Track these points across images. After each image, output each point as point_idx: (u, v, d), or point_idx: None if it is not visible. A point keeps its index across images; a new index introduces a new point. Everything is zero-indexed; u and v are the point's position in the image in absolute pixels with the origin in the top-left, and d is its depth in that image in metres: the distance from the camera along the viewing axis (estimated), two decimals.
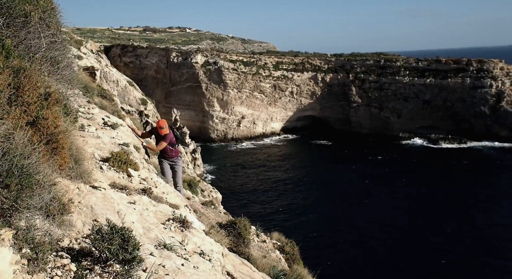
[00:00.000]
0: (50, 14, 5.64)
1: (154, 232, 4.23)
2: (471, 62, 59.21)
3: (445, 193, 38.35)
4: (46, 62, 5.27)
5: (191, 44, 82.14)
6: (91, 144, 6.08)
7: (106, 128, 7.04)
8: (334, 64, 65.07)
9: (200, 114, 64.43)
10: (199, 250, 4.20)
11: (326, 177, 44.70)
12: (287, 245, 11.34)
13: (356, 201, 36.91)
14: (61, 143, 4.71)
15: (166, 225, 4.54)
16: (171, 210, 4.95)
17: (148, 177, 5.62)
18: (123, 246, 2.72)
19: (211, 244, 4.48)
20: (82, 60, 16.89)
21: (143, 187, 5.21)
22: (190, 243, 4.27)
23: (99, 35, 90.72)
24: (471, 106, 57.53)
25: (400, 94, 60.68)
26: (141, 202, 4.83)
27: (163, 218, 4.69)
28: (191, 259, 3.89)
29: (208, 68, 63.15)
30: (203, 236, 4.61)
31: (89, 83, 13.36)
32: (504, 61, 59.96)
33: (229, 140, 62.90)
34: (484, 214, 33.57)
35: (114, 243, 2.68)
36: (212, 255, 4.18)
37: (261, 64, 64.33)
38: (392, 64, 62.53)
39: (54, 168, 4.25)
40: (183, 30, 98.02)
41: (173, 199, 5.40)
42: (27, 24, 5.15)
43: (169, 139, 8.32)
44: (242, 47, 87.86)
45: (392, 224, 31.78)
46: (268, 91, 64.35)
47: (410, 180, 42.78)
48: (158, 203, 5.03)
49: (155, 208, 4.86)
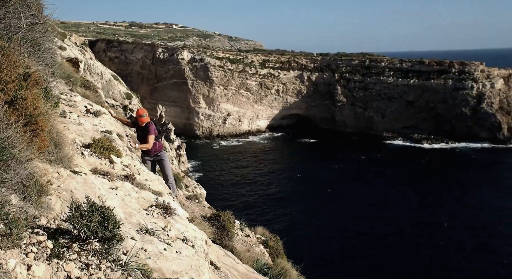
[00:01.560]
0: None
1: (136, 217, 4.14)
2: (453, 64, 60.19)
3: (425, 191, 39.22)
4: (26, 44, 5.12)
5: (178, 40, 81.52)
6: (73, 131, 5.94)
7: (89, 116, 6.90)
8: (320, 63, 65.40)
9: (186, 110, 64.02)
10: (182, 236, 4.13)
11: (310, 175, 44.91)
12: (271, 239, 11.33)
13: (339, 198, 37.42)
14: (40, 125, 4.58)
15: (149, 211, 4.46)
16: (154, 197, 4.86)
17: (131, 164, 5.51)
18: (103, 224, 2.64)
19: (194, 231, 4.41)
20: (65, 51, 16.51)
21: (126, 173, 5.11)
22: (173, 229, 4.20)
23: (84, 29, 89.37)
24: (452, 107, 58.47)
25: (384, 94, 61.33)
26: (123, 188, 4.73)
27: (145, 205, 4.60)
28: (174, 245, 3.82)
29: (194, 65, 62.78)
30: (186, 223, 4.54)
31: (72, 73, 13.09)
32: (485, 63, 61.14)
33: (214, 137, 62.68)
34: (463, 210, 34.44)
35: (93, 220, 2.60)
36: (195, 241, 4.12)
37: (248, 62, 64.22)
38: (377, 64, 63.17)
39: (32, 151, 4.13)
40: (170, 27, 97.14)
41: (156, 187, 5.32)
42: (6, 3, 4.99)
43: (153, 131, 7.71)
44: (229, 45, 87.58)
45: (373, 219, 32.66)
46: (254, 89, 64.30)
47: (392, 178, 43.50)
48: (141, 189, 4.94)
49: (138, 195, 4.77)
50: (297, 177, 44.90)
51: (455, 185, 41.02)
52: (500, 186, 40.59)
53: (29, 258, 2.43)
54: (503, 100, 58.16)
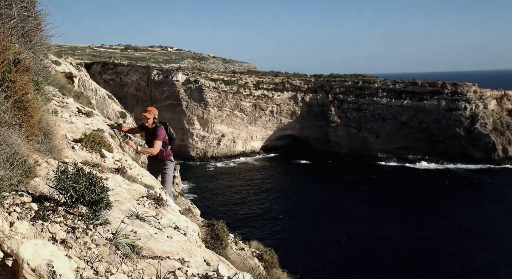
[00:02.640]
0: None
1: (127, 205, 3.99)
2: (446, 85, 60.95)
3: (420, 211, 38.92)
4: (17, 33, 5.05)
5: (172, 62, 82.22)
6: (64, 128, 5.82)
7: (81, 116, 6.78)
8: (314, 85, 65.98)
9: (180, 132, 63.84)
10: (173, 225, 3.96)
11: (304, 195, 44.62)
12: (265, 253, 11.06)
13: (334, 217, 37.23)
14: (29, 112, 4.46)
15: (140, 201, 4.30)
16: (146, 189, 4.71)
17: (122, 158, 5.37)
18: (90, 188, 2.50)
19: (186, 221, 4.25)
20: (60, 66, 16.45)
21: (117, 166, 4.97)
22: (164, 218, 4.04)
23: (80, 53, 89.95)
24: (446, 128, 58.85)
25: (378, 115, 61.73)
26: (114, 180, 4.59)
27: (136, 195, 4.45)
28: (165, 230, 3.66)
29: (189, 86, 63.08)
30: (178, 215, 4.38)
31: (66, 84, 13.00)
32: (477, 84, 62.02)
33: (208, 158, 62.37)
34: (458, 230, 34.13)
35: (80, 182, 2.47)
36: (187, 230, 3.95)
37: (242, 83, 64.68)
38: (370, 85, 63.81)
39: (21, 137, 4.00)
40: (165, 49, 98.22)
41: (148, 181, 5.17)
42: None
43: (162, 136, 7.09)
44: (223, 67, 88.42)
45: (369, 237, 32.43)
46: (249, 110, 64.52)
47: (387, 198, 43.25)
48: (132, 182, 4.79)
49: (129, 186, 4.61)
50: (291, 197, 44.57)
51: (451, 205, 40.86)
52: (498, 206, 40.52)
53: (12, 216, 2.29)
54: (497, 120, 58.68)
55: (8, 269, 1.98)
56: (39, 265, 1.90)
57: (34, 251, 1.94)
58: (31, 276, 1.88)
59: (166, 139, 7.35)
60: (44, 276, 1.89)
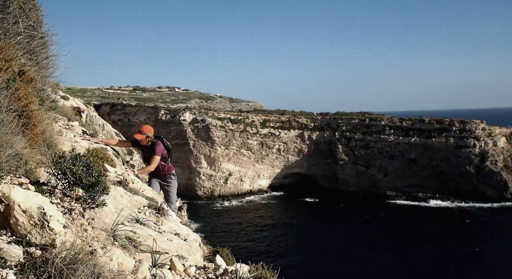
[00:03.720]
0: (31, 8, 5.62)
1: (127, 212, 3.84)
2: (453, 122, 60.86)
3: (432, 251, 37.62)
4: (23, 48, 5.13)
5: (180, 102, 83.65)
6: (67, 145, 5.77)
7: (86, 136, 6.76)
8: (320, 123, 66.30)
9: (187, 171, 63.78)
10: (174, 232, 3.79)
11: (312, 234, 43.62)
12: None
13: (341, 255, 36.15)
14: (33, 121, 4.43)
15: (141, 210, 4.15)
16: (147, 201, 4.57)
17: (125, 173, 5.26)
18: (88, 171, 2.42)
19: (187, 230, 4.07)
20: (68, 101, 16.75)
21: (119, 180, 4.86)
22: (165, 226, 3.87)
23: (89, 95, 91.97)
24: (456, 165, 58.15)
25: (386, 152, 61.40)
26: (115, 191, 4.46)
27: (138, 205, 4.30)
28: (165, 234, 3.49)
29: (196, 126, 63.65)
30: (179, 224, 4.20)
31: (73, 116, 13.13)
32: (485, 122, 61.83)
33: (216, 197, 61.80)
34: (474, 270, 32.75)
35: (77, 165, 2.40)
36: (188, 238, 3.76)
37: (249, 121, 65.20)
38: (377, 123, 63.94)
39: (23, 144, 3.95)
40: (172, 90, 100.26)
41: (149, 194, 5.02)
42: (6, 9, 5.09)
43: (160, 151, 6.97)
44: (230, 106, 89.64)
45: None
46: (256, 148, 64.59)
47: (397, 238, 42.02)
48: (134, 194, 4.64)
49: (130, 197, 4.47)
50: (299, 235, 43.59)
51: (465, 245, 39.55)
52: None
53: None
54: (507, 158, 57.97)
55: (0, 213, 2.05)
56: (30, 207, 1.95)
57: (26, 196, 2.00)
58: (21, 217, 1.94)
59: (165, 154, 7.19)
60: (35, 216, 1.93)
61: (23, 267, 1.84)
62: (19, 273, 1.81)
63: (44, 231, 1.91)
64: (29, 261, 1.85)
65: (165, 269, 2.21)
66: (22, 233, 1.92)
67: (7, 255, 1.84)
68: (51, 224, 1.87)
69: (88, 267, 1.68)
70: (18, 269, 1.83)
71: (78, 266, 1.67)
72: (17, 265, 1.85)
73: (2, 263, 1.82)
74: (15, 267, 1.84)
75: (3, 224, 2.01)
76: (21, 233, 1.93)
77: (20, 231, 1.93)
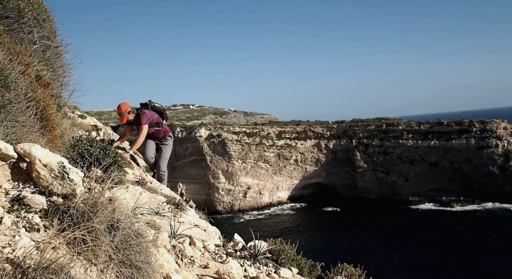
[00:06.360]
0: (45, 18, 5.74)
1: (146, 206, 3.81)
2: (473, 123, 59.70)
3: (461, 257, 36.48)
4: (38, 56, 5.22)
5: (195, 119, 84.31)
6: None
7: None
8: (336, 131, 65.88)
9: (206, 187, 63.92)
10: (193, 224, 3.73)
11: (335, 245, 42.86)
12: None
13: (368, 266, 35.12)
14: (51, 122, 4.46)
15: (159, 206, 4.11)
16: (166, 199, 4.53)
17: (143, 174, 5.25)
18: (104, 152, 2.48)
19: (206, 223, 4.01)
20: (86, 119, 17.11)
21: (137, 180, 4.84)
22: (183, 218, 3.82)
23: (106, 117, 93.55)
24: (479, 167, 56.83)
25: (405, 157, 60.45)
26: (134, 189, 4.44)
27: (156, 202, 4.27)
28: (185, 225, 3.43)
29: (212, 141, 63.94)
30: (198, 218, 4.15)
31: (91, 131, 13.33)
32: (506, 121, 60.45)
33: (235, 211, 61.60)
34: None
35: (94, 146, 2.48)
36: (207, 229, 3.70)
37: (264, 134, 65.23)
38: (394, 128, 63.17)
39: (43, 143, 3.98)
40: (187, 107, 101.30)
41: (168, 192, 4.99)
42: (21, 19, 5.20)
43: (146, 119, 6.73)
44: (244, 120, 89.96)
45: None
46: (273, 160, 64.41)
47: (424, 245, 40.91)
48: (153, 193, 4.62)
49: (149, 195, 4.45)
50: (323, 247, 42.83)
51: (495, 250, 38.27)
52: None
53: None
54: None
55: (23, 171, 2.25)
56: (50, 162, 2.12)
57: (46, 153, 2.17)
58: (43, 170, 2.11)
59: (155, 118, 7.01)
60: (55, 169, 2.10)
61: (47, 212, 2.06)
62: (44, 217, 2.04)
63: (65, 182, 2.09)
64: (52, 207, 2.06)
65: (185, 243, 2.16)
66: (44, 185, 2.11)
67: (31, 202, 2.05)
68: (70, 176, 2.05)
69: (108, 210, 1.77)
70: (43, 214, 2.06)
71: (98, 208, 1.78)
72: (41, 210, 2.08)
73: (28, 208, 2.04)
74: (39, 212, 2.07)
75: (26, 179, 2.19)
76: (43, 185, 2.11)
77: (42, 183, 2.11)
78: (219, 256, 2.68)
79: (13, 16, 5.25)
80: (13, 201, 2.07)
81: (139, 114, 6.85)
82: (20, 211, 2.04)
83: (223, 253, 2.64)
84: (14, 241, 1.75)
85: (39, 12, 5.81)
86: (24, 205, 2.07)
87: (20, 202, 2.08)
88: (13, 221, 1.94)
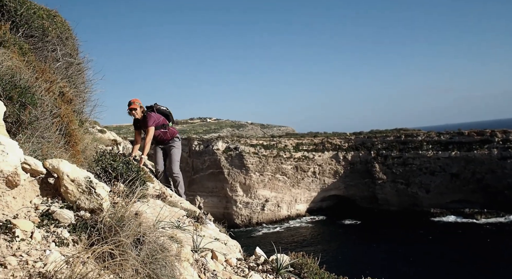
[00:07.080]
0: (67, 36, 5.94)
1: (167, 219, 3.87)
2: (495, 133, 58.43)
3: (488, 273, 35.35)
4: (61, 74, 5.40)
5: (212, 132, 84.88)
6: None
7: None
8: (355, 142, 65.32)
9: (224, 200, 63.95)
10: (214, 238, 3.76)
11: (356, 258, 42.10)
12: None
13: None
14: (74, 138, 4.57)
15: (180, 219, 4.16)
16: (186, 212, 4.59)
17: (162, 188, 5.33)
18: (127, 167, 2.54)
19: (226, 237, 4.03)
20: (105, 134, 17.48)
21: (158, 193, 4.92)
22: (204, 232, 3.85)
23: (125, 131, 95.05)
24: (502, 177, 55.42)
25: (425, 168, 59.41)
26: (154, 203, 4.52)
27: (177, 216, 4.33)
28: (206, 239, 3.47)
29: (229, 154, 64.13)
30: (218, 232, 4.18)
31: (113, 146, 13.59)
32: None
33: (254, 224, 61.31)
34: None
35: (117, 160, 2.54)
36: (228, 242, 3.73)
37: (281, 146, 65.13)
38: (414, 139, 62.29)
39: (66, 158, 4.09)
40: (204, 120, 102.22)
41: (188, 206, 5.04)
42: (45, 37, 5.40)
43: (153, 121, 6.78)
44: (261, 132, 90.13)
45: None
46: (290, 173, 64.14)
47: (447, 259, 39.87)
48: (173, 207, 4.69)
49: (169, 209, 4.51)
50: (342, 261, 42.17)
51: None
52: None
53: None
54: None
55: (51, 186, 2.32)
56: (77, 177, 2.22)
57: (73, 168, 2.27)
58: (70, 185, 2.21)
59: (161, 121, 7.04)
60: (82, 184, 2.20)
61: (75, 227, 2.13)
62: (72, 231, 2.11)
63: (92, 197, 2.18)
64: (80, 222, 2.14)
65: (207, 257, 2.19)
66: (72, 200, 2.19)
67: (60, 217, 2.13)
68: (97, 191, 2.10)
69: (134, 224, 1.81)
70: (71, 228, 2.12)
71: (125, 222, 1.83)
72: (69, 225, 2.15)
73: (57, 223, 2.11)
74: (68, 227, 2.13)
75: (55, 194, 2.27)
76: (71, 199, 2.20)
77: (70, 198, 2.19)
78: (241, 270, 2.71)
79: (38, 35, 5.43)
80: (42, 216, 2.15)
81: (145, 117, 6.96)
82: (50, 225, 2.11)
83: (245, 267, 2.67)
84: (45, 256, 1.80)
85: (62, 30, 6.00)
86: (53, 220, 2.14)
87: (49, 217, 2.15)
88: (43, 236, 2.01)
